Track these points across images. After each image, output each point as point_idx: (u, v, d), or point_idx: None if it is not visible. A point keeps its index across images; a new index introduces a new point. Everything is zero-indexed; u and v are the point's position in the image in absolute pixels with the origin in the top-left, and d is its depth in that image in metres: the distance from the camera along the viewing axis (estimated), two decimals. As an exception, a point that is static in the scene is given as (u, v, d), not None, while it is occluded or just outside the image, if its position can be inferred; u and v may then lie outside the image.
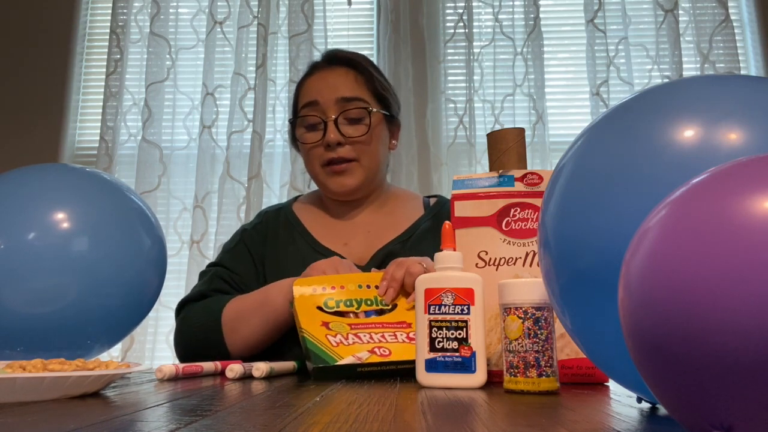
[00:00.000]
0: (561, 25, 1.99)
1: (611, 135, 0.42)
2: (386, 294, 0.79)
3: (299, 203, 1.11)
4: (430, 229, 1.03)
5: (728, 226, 0.24)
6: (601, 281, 0.38)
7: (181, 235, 1.85)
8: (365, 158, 0.99)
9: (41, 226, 0.77)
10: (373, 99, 1.01)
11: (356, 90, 1.00)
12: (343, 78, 1.01)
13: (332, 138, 0.97)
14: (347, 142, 0.98)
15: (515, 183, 0.69)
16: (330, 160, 0.98)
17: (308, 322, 0.75)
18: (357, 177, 1.00)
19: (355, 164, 0.99)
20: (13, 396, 0.48)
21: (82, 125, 2.01)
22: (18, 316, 0.74)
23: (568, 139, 1.76)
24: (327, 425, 0.36)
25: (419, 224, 1.04)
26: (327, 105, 0.98)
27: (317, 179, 1.03)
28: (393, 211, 1.07)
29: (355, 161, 0.99)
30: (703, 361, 0.24)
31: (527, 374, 0.54)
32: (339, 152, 0.98)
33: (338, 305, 0.77)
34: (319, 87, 1.00)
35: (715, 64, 1.83)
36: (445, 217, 1.03)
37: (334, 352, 0.70)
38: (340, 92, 0.99)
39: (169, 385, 0.62)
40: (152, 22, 1.90)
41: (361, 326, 0.75)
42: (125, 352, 1.73)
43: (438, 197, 1.12)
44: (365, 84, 1.01)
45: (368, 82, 1.02)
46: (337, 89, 0.99)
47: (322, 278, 0.81)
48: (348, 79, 1.01)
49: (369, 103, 1.00)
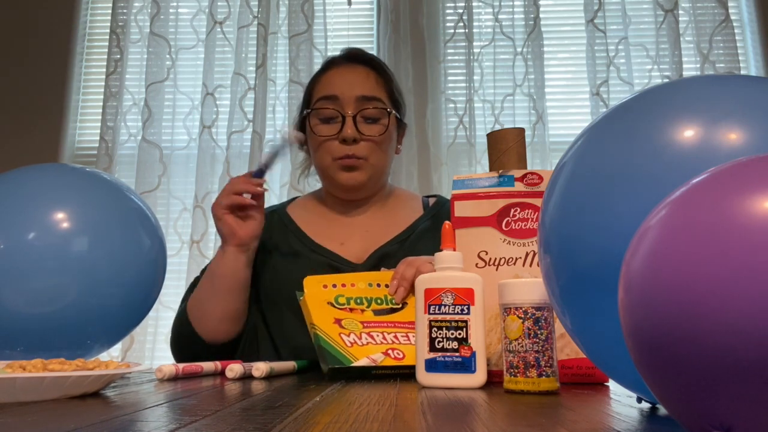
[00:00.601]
0: (561, 25, 1.99)
1: (611, 135, 0.42)
2: (396, 293, 0.79)
3: (295, 204, 1.12)
4: (429, 229, 1.03)
5: (728, 226, 0.24)
6: (601, 281, 0.38)
7: (181, 235, 1.85)
8: (374, 157, 1.00)
9: (41, 226, 0.77)
10: (390, 101, 1.03)
11: (376, 90, 1.01)
12: (364, 76, 1.01)
13: (349, 133, 0.97)
14: (363, 139, 0.99)
15: (515, 183, 0.69)
16: (345, 154, 0.99)
17: (320, 317, 0.75)
18: (365, 174, 1.00)
19: (364, 162, 1.00)
20: (13, 396, 0.48)
21: (82, 125, 2.01)
22: (18, 316, 0.74)
23: (568, 139, 1.76)
24: (327, 425, 0.36)
25: (418, 224, 1.04)
26: (346, 101, 0.99)
27: (325, 172, 1.03)
28: (392, 211, 1.07)
29: (365, 159, 1.00)
30: (703, 360, 0.24)
31: (527, 374, 0.54)
32: (354, 149, 0.98)
33: (349, 302, 0.78)
34: (338, 82, 1.01)
35: (715, 64, 1.83)
36: (444, 217, 1.03)
37: (349, 353, 0.70)
38: (360, 90, 0.99)
39: (169, 385, 0.62)
40: (152, 22, 1.90)
41: (374, 324, 0.75)
42: (125, 352, 1.73)
43: (437, 197, 1.12)
44: (384, 85, 1.03)
45: (387, 84, 1.03)
46: (358, 87, 1.00)
47: (333, 276, 0.81)
48: (369, 78, 1.02)
49: (386, 104, 1.01)
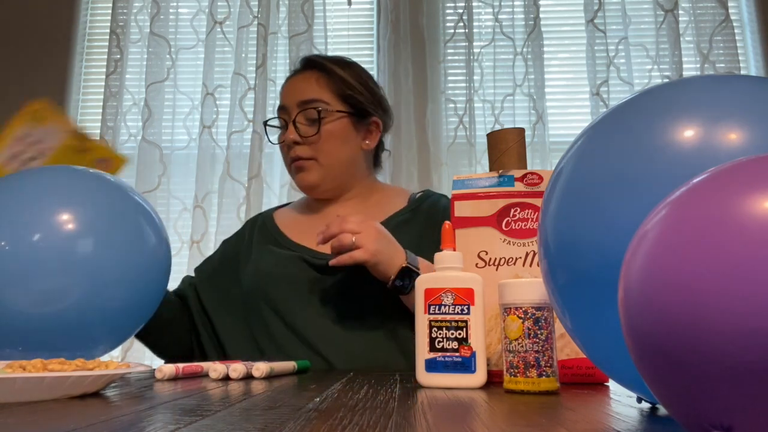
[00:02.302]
0: (561, 25, 1.99)
1: (611, 135, 0.42)
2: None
3: (282, 209, 1.17)
4: (408, 221, 1.03)
5: (728, 226, 0.24)
6: (601, 281, 0.38)
7: (181, 235, 1.85)
8: (323, 156, 1.04)
9: (45, 226, 0.77)
10: (336, 99, 1.04)
11: (316, 92, 1.04)
12: (305, 81, 1.05)
13: (289, 138, 1.04)
14: (304, 141, 1.03)
15: (515, 183, 0.69)
16: (291, 158, 1.05)
17: None
18: (315, 174, 1.04)
19: (313, 162, 1.04)
20: (13, 396, 0.48)
21: (82, 125, 2.01)
22: (19, 316, 0.74)
23: (568, 139, 1.76)
24: (327, 425, 0.36)
25: (396, 217, 1.04)
26: (291, 108, 1.04)
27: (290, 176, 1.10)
28: (374, 207, 1.08)
29: (313, 159, 1.04)
30: (704, 360, 0.24)
31: (527, 374, 0.54)
32: (296, 151, 1.04)
33: None
34: (285, 92, 1.08)
35: (715, 64, 1.83)
36: (426, 210, 1.04)
37: None
38: (300, 95, 1.04)
39: (169, 385, 0.62)
40: (152, 22, 1.90)
41: None
42: (125, 352, 1.73)
43: (425, 191, 1.12)
44: (326, 85, 1.04)
45: (330, 83, 1.05)
46: (298, 92, 1.04)
47: None
48: (310, 82, 1.05)
49: (329, 103, 1.03)
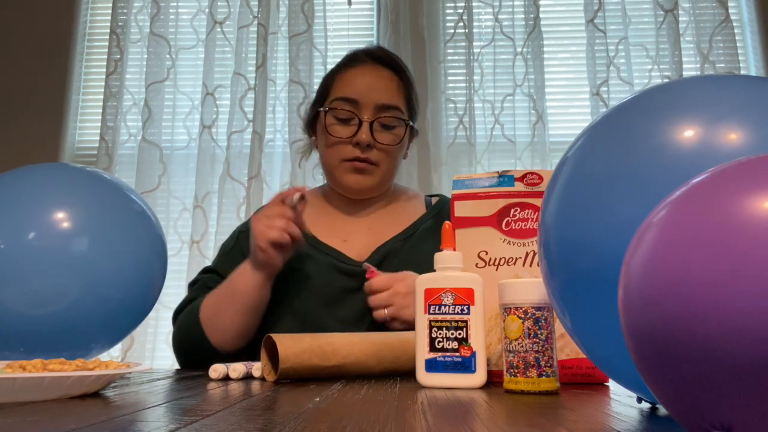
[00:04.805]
0: (561, 25, 1.98)
1: (611, 135, 0.42)
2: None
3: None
4: (432, 228, 1.03)
5: (728, 226, 0.24)
6: (601, 281, 0.38)
7: (181, 235, 1.84)
8: (385, 164, 1.01)
9: (42, 226, 0.77)
10: (406, 107, 1.02)
11: (395, 98, 1.00)
12: (386, 82, 1.00)
13: (364, 139, 0.97)
14: (376, 146, 0.99)
15: (515, 183, 0.69)
16: (356, 157, 0.99)
17: None
18: (374, 179, 1.01)
19: (375, 167, 1.00)
20: (13, 396, 0.48)
21: (82, 125, 2.01)
22: (18, 316, 0.74)
23: (568, 139, 1.76)
24: (327, 425, 0.36)
25: (421, 223, 1.04)
26: (365, 105, 0.98)
27: (332, 173, 1.02)
28: (396, 209, 1.07)
29: (376, 165, 1.00)
30: (703, 360, 0.24)
31: (527, 374, 0.54)
32: (366, 153, 0.98)
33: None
34: (359, 85, 1.00)
35: (715, 64, 1.83)
36: (446, 216, 1.03)
37: None
38: (381, 98, 0.98)
39: (169, 385, 0.62)
40: (152, 22, 1.90)
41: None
42: (125, 352, 1.73)
43: (440, 197, 1.12)
44: (404, 92, 1.02)
45: (407, 91, 1.02)
46: (379, 93, 0.99)
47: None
48: (391, 85, 1.01)
49: (403, 112, 1.01)
